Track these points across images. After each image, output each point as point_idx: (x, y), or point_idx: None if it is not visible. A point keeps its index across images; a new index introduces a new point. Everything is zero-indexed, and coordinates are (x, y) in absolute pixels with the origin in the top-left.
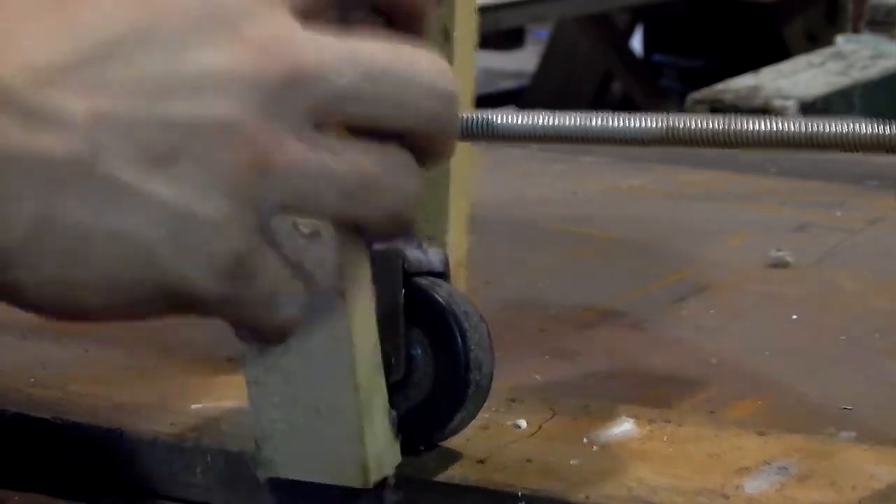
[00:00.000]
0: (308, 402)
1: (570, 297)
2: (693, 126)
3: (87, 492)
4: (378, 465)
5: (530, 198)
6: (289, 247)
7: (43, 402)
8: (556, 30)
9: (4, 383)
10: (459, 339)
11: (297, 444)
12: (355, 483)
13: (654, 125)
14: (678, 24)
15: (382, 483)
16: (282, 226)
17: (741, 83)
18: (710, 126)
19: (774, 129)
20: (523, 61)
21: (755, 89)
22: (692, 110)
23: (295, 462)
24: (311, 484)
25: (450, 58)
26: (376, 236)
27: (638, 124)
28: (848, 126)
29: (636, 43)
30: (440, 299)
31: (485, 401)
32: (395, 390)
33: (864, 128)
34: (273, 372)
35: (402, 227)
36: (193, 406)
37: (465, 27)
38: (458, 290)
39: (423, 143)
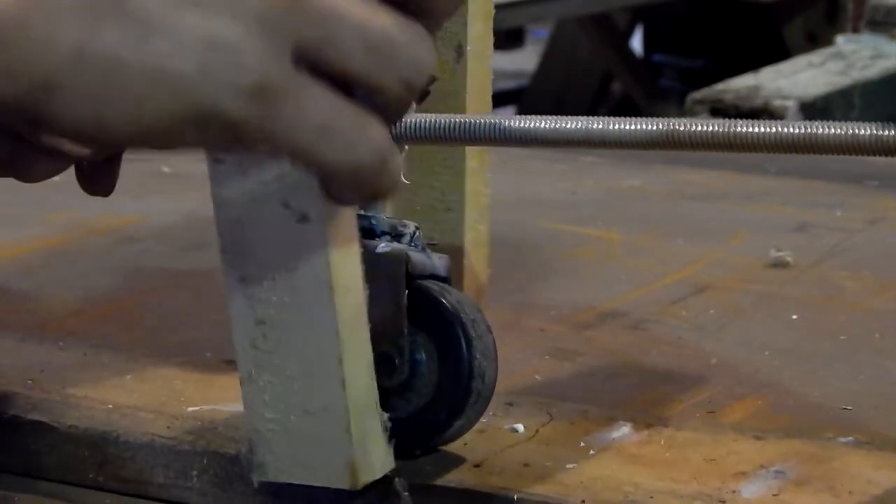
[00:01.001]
0: (297, 400)
1: (570, 297)
2: (693, 129)
3: (84, 494)
4: (368, 467)
5: (530, 198)
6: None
7: (41, 404)
8: (556, 30)
9: (3, 385)
10: (465, 347)
11: (287, 446)
12: (343, 484)
13: (654, 129)
14: (678, 24)
15: (379, 485)
16: None
17: (741, 83)
18: (710, 129)
19: (773, 132)
20: (523, 61)
21: (755, 89)
22: (692, 110)
23: (286, 464)
24: (303, 487)
25: (463, 73)
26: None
27: (637, 128)
28: (847, 129)
29: (636, 43)
30: (448, 305)
31: (485, 410)
32: (397, 393)
33: (863, 130)
34: (264, 368)
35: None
36: (190, 409)
37: (480, 43)
38: (468, 297)
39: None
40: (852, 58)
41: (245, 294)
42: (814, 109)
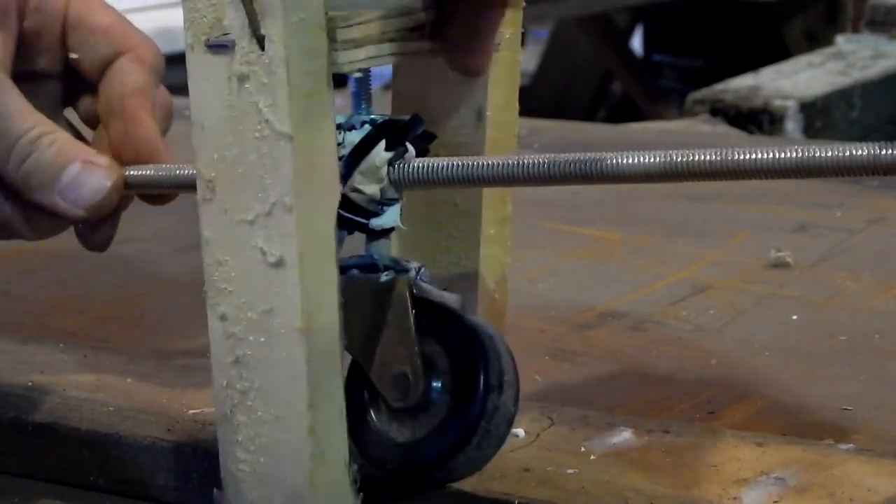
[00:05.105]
0: (266, 443)
1: (570, 297)
2: (691, 160)
3: (84, 495)
4: None
5: (530, 198)
6: None
7: (42, 406)
8: (556, 30)
9: (4, 387)
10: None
11: (255, 489)
12: None
13: (652, 161)
14: (678, 24)
15: None
16: None
17: (741, 83)
18: (708, 159)
19: (771, 158)
20: (523, 61)
21: (755, 89)
22: (692, 110)
23: None
24: None
25: (481, 140)
26: None
27: (635, 161)
28: (844, 150)
29: (636, 43)
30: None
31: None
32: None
33: (861, 151)
34: (238, 408)
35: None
36: (191, 412)
37: (504, 113)
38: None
39: None
40: (852, 58)
41: (224, 332)
42: (814, 109)
